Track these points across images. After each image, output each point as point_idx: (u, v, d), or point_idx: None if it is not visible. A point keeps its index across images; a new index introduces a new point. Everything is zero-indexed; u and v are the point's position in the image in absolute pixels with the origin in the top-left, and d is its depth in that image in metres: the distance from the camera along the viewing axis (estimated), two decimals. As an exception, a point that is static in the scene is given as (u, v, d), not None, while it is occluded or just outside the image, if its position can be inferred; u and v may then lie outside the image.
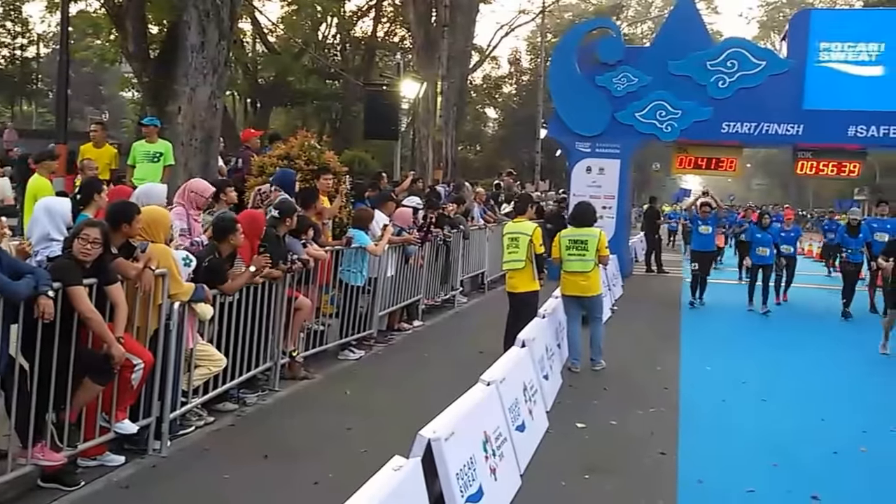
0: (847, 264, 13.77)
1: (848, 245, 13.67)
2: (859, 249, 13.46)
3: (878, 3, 30.76)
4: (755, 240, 13.79)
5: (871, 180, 47.71)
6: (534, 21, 35.03)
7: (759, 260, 13.66)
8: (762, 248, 13.63)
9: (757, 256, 13.71)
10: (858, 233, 13.51)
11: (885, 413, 7.28)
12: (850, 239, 13.59)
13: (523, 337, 6.74)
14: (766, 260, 13.69)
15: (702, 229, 14.17)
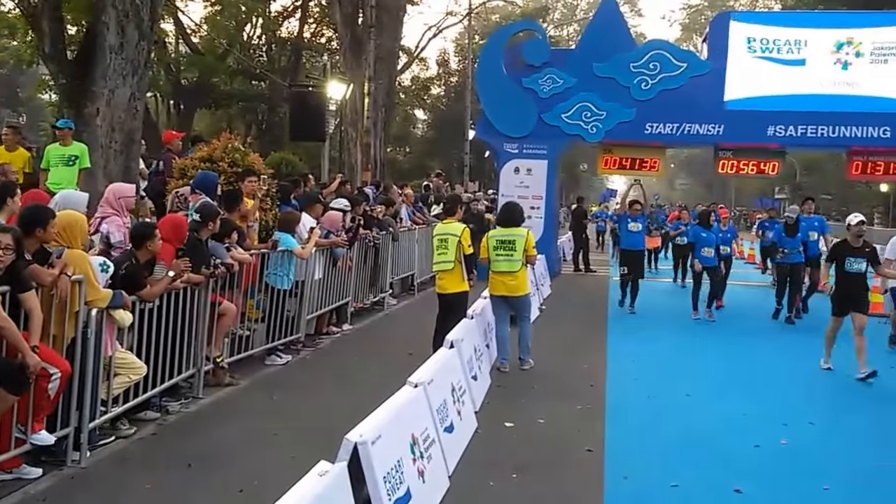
0: (784, 265, 13.06)
1: (785, 245, 12.91)
2: (797, 249, 12.85)
3: (796, 6, 31.90)
4: (700, 240, 13.10)
5: (791, 179, 49.53)
6: (461, 23, 35.20)
7: (706, 262, 12.99)
8: (707, 248, 13.00)
9: (703, 258, 13.01)
10: (797, 232, 12.86)
11: (804, 406, 7.52)
12: (787, 239, 12.87)
13: (451, 338, 6.74)
14: (711, 261, 13.08)
15: (631, 227, 13.66)
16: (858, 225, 8.89)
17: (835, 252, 9.08)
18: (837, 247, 9.11)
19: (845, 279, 8.81)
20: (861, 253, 8.79)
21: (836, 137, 16.53)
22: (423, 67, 40.76)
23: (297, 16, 34.86)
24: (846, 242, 8.93)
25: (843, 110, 16.39)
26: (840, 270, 8.83)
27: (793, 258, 12.81)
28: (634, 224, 13.66)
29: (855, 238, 8.84)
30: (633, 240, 13.68)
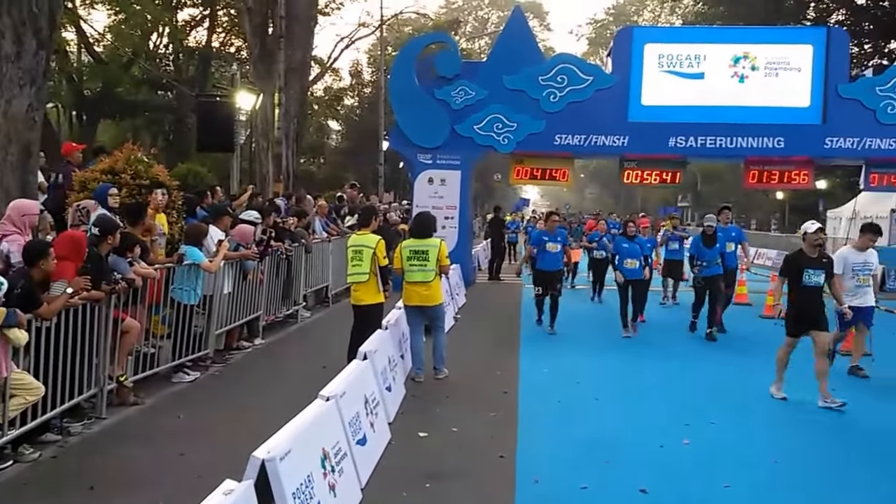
0: (702, 279, 12.09)
1: (703, 257, 12.04)
2: (715, 261, 12.03)
3: (695, 22, 33.17)
4: (622, 251, 12.20)
5: (693, 188, 51.40)
6: (374, 34, 35.20)
7: (630, 274, 12.04)
8: (631, 259, 12.05)
9: (627, 270, 12.06)
10: (714, 243, 12.01)
11: (705, 407, 7.77)
12: (705, 250, 12.01)
13: (365, 349, 6.71)
14: (637, 274, 12.12)
15: (549, 247, 12.11)
16: (817, 233, 8.12)
17: (790, 265, 8.17)
18: (792, 259, 8.22)
19: (803, 295, 7.99)
20: (819, 264, 8.03)
21: (734, 148, 17.30)
22: (336, 78, 40.56)
23: (206, 25, 34.22)
24: (802, 253, 8.14)
25: (739, 122, 17.18)
26: (796, 285, 8.02)
27: (711, 270, 11.97)
28: (553, 245, 12.12)
29: (811, 248, 8.07)
30: (550, 260, 12.15)
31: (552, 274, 12.12)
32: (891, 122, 16.79)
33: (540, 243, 12.16)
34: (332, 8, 34.24)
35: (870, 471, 6.01)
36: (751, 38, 17.93)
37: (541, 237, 12.32)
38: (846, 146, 17.07)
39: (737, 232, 13.92)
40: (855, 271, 9.16)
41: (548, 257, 12.08)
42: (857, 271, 9.19)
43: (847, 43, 18.29)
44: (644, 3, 67.90)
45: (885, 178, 17.89)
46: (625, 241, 12.35)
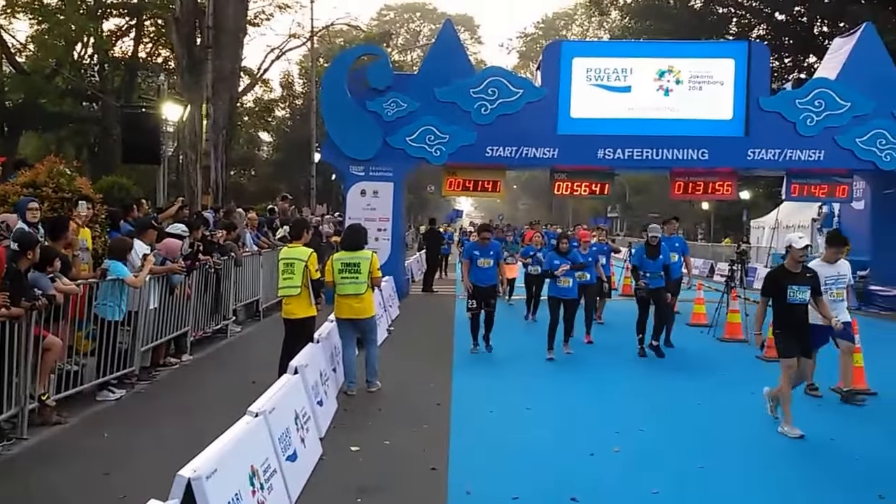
0: (644, 291, 11.49)
1: (646, 268, 11.47)
2: (659, 273, 11.47)
3: (622, 36, 33.93)
4: (554, 267, 11.14)
5: (622, 199, 52.44)
6: (305, 45, 34.95)
7: (561, 293, 11.20)
8: (564, 277, 11.15)
9: (558, 289, 11.20)
10: (658, 254, 11.46)
11: (634, 414, 7.91)
12: (648, 261, 11.45)
13: (296, 364, 6.63)
14: (570, 293, 11.29)
15: (481, 262, 11.30)
16: (804, 249, 7.53)
17: (773, 283, 7.58)
18: (774, 276, 7.66)
19: (789, 313, 7.43)
20: (804, 280, 7.47)
21: (660, 160, 17.74)
22: (266, 89, 40.11)
23: (132, 35, 33.48)
24: (784, 269, 7.62)
25: (665, 134, 17.61)
26: (781, 303, 7.47)
27: (654, 283, 11.41)
28: (485, 260, 11.28)
29: (795, 263, 7.51)
30: (484, 276, 11.32)
31: (485, 290, 11.31)
32: (810, 135, 17.44)
33: (471, 258, 11.43)
34: (262, 19, 33.99)
35: (793, 472, 6.20)
36: (675, 53, 18.46)
37: (472, 251, 11.58)
38: (768, 157, 17.66)
39: (680, 242, 13.41)
40: (828, 285, 8.47)
41: (480, 273, 11.29)
42: (830, 285, 8.57)
43: (767, 57, 18.97)
44: (573, 18, 69.24)
45: (806, 188, 18.60)
46: (556, 257, 11.34)
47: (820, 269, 8.35)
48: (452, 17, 47.77)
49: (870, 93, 17.28)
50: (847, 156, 17.49)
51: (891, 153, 17.31)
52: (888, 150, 17.31)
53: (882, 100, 17.26)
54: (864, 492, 5.74)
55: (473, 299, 11.31)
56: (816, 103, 17.43)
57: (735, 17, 33.14)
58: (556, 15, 73.41)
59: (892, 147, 17.30)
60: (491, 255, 11.31)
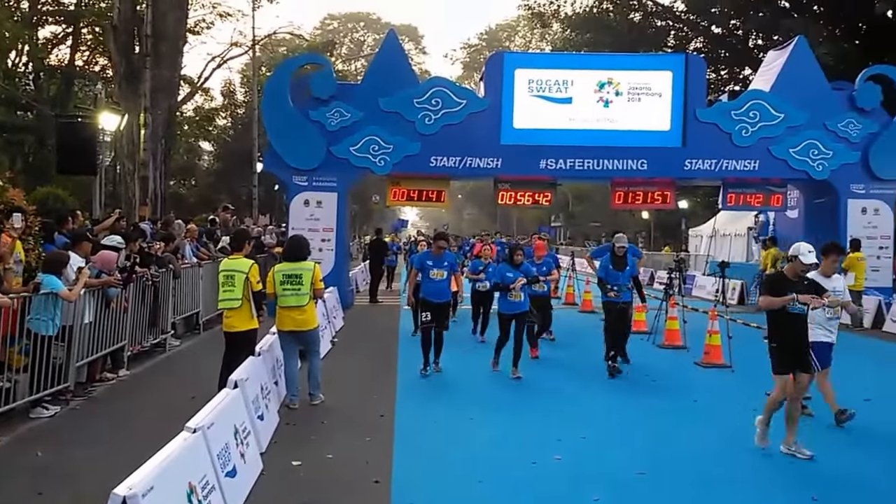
0: (614, 305, 10.75)
1: (614, 281, 10.73)
2: (626, 286, 10.88)
3: (564, 48, 34.38)
4: (508, 280, 10.27)
5: (565, 208, 53.08)
6: (247, 54, 34.57)
7: (512, 308, 10.32)
8: (515, 291, 10.26)
9: (509, 304, 10.34)
10: (625, 265, 10.79)
11: (575, 422, 7.97)
12: (616, 273, 10.74)
13: (235, 377, 6.51)
14: (521, 307, 10.35)
15: (434, 274, 10.33)
16: (810, 266, 7.09)
17: (777, 287, 6.94)
18: (778, 280, 7.06)
19: (790, 323, 6.83)
20: (803, 290, 6.86)
21: (601, 170, 18.02)
22: (207, 98, 39.54)
23: (69, 43, 32.69)
24: (784, 276, 7.05)
25: (605, 145, 17.89)
26: (779, 313, 6.84)
27: (623, 296, 10.79)
28: (438, 272, 10.35)
29: (795, 273, 6.99)
30: (436, 289, 10.33)
31: (438, 306, 10.31)
32: (745, 145, 17.92)
33: (423, 268, 10.50)
34: (203, 27, 33.51)
35: (729, 473, 6.31)
36: (615, 65, 18.80)
37: (424, 261, 10.58)
38: (705, 168, 18.08)
39: (633, 250, 12.35)
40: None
41: (432, 285, 10.32)
42: None
43: (704, 69, 19.44)
44: (516, 30, 69.96)
45: (742, 197, 19.10)
46: (508, 268, 10.44)
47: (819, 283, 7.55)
48: (396, 27, 47.78)
49: (802, 104, 17.84)
50: (781, 166, 18.01)
51: (823, 163, 17.88)
52: (820, 159, 17.88)
53: (814, 111, 17.83)
54: (798, 493, 5.87)
55: (427, 312, 10.25)
56: (751, 114, 17.91)
57: (673, 30, 33.87)
58: (500, 27, 74.14)
59: (824, 157, 17.87)
60: (445, 267, 10.38)
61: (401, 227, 41.57)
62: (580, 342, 13.26)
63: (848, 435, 7.62)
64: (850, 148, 17.94)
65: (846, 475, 6.32)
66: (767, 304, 6.89)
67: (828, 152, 17.87)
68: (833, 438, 7.50)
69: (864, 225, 18.03)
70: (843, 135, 17.95)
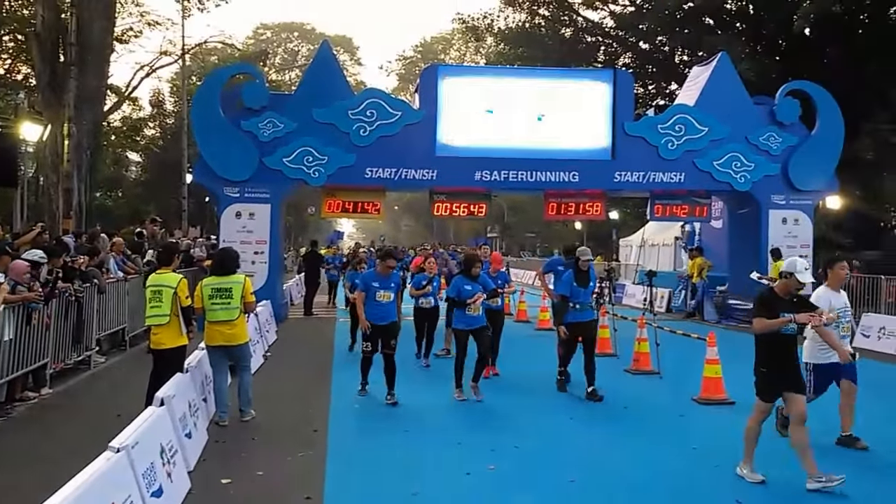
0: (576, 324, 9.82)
1: (577, 298, 9.81)
2: (589, 304, 10.04)
3: (497, 61, 34.79)
4: (465, 294, 9.57)
5: (500, 219, 53.56)
6: (177, 63, 33.92)
7: (470, 322, 9.59)
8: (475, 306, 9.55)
9: (466, 318, 9.56)
10: (589, 281, 9.95)
11: (510, 432, 8.02)
12: (579, 289, 9.82)
13: (162, 395, 6.37)
14: (479, 321, 9.68)
15: (380, 296, 9.36)
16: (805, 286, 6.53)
17: (768, 306, 6.38)
18: (769, 300, 6.45)
19: (781, 345, 6.38)
20: (791, 308, 6.38)
21: (534, 182, 18.27)
22: (135, 108, 38.64)
23: (-11, 50, 31.57)
24: (774, 294, 6.51)
25: (538, 157, 18.15)
26: (772, 336, 6.33)
27: (586, 315, 9.96)
28: (384, 293, 9.42)
29: (786, 291, 6.46)
30: (382, 312, 9.39)
31: (384, 327, 9.39)
32: (671, 158, 18.40)
33: (368, 289, 9.45)
34: (130, 36, 32.76)
35: (654, 475, 6.45)
36: (548, 78, 19.10)
37: (370, 282, 9.52)
38: (633, 180, 18.49)
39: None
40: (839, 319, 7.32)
41: (377, 308, 9.37)
42: (841, 317, 7.42)
43: (632, 84, 19.91)
44: (450, 43, 70.45)
45: (668, 208, 19.62)
46: (467, 281, 9.70)
47: (831, 298, 7.41)
48: (331, 38, 47.61)
49: (725, 118, 18.42)
50: (706, 178, 18.55)
51: (745, 175, 18.48)
52: (742, 172, 18.47)
53: (736, 125, 18.43)
54: (724, 496, 6.03)
55: (369, 342, 9.35)
56: (677, 128, 18.41)
57: (603, 46, 34.58)
58: (435, 39, 74.57)
59: (746, 169, 18.47)
60: (392, 288, 9.52)
61: (337, 239, 41.23)
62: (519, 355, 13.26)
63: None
64: (771, 160, 18.59)
65: (772, 479, 6.50)
66: (763, 327, 6.31)
67: (749, 165, 18.48)
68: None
69: (785, 234, 18.68)
70: (764, 148, 18.60)
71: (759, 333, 6.41)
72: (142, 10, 32.78)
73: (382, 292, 9.43)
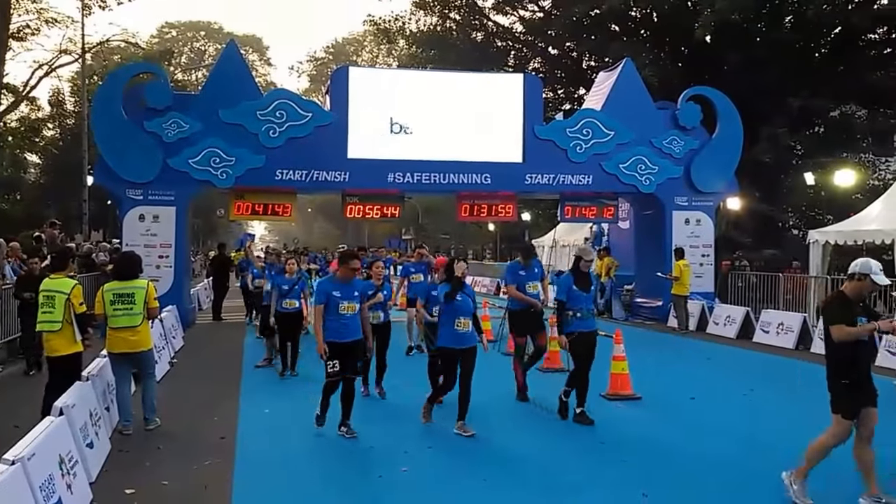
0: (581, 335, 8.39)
1: (577, 304, 8.40)
2: (591, 311, 8.67)
3: (410, 64, 34.83)
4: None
5: (415, 221, 53.65)
6: (77, 62, 32.63)
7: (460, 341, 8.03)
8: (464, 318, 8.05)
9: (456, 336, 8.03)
10: (590, 284, 8.67)
11: (422, 434, 8.06)
12: (580, 294, 8.42)
13: (60, 404, 6.15)
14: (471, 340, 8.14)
15: (344, 308, 7.74)
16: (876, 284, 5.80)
17: (846, 311, 5.72)
18: (846, 303, 5.78)
19: (864, 355, 5.88)
20: (862, 313, 5.83)
21: (447, 184, 18.38)
22: (33, 108, 36.97)
23: None
24: (848, 300, 5.82)
25: (450, 159, 18.26)
26: (855, 345, 5.69)
27: (588, 323, 8.49)
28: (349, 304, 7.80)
29: (859, 294, 5.84)
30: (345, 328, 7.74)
31: (349, 345, 7.76)
32: (580, 161, 18.79)
33: (329, 301, 7.67)
34: (28, 33, 31.32)
35: (579, 472, 6.59)
36: (459, 82, 19.24)
37: (329, 291, 7.72)
38: (543, 182, 18.82)
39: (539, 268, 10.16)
40: None
41: (339, 323, 7.71)
42: None
43: (541, 88, 20.24)
44: (363, 44, 70.15)
45: (578, 210, 20.09)
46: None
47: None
48: (239, 37, 46.76)
49: (630, 122, 18.95)
50: (612, 180, 19.04)
51: (649, 177, 19.05)
52: (647, 174, 19.04)
53: (641, 129, 18.98)
54: (629, 489, 6.20)
55: (336, 360, 7.70)
56: (584, 132, 18.83)
57: (513, 51, 35.01)
58: (346, 40, 74.08)
59: (651, 172, 19.04)
60: (355, 298, 7.81)
61: (247, 241, 40.42)
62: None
63: (681, 429, 8.12)
64: (674, 163, 19.21)
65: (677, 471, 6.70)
66: (846, 335, 5.58)
67: (654, 167, 19.06)
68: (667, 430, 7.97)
69: (688, 235, 19.33)
70: (668, 151, 19.21)
71: (839, 343, 5.65)
72: (39, 6, 31.35)
73: (346, 303, 7.66)
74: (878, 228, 15.87)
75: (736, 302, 18.20)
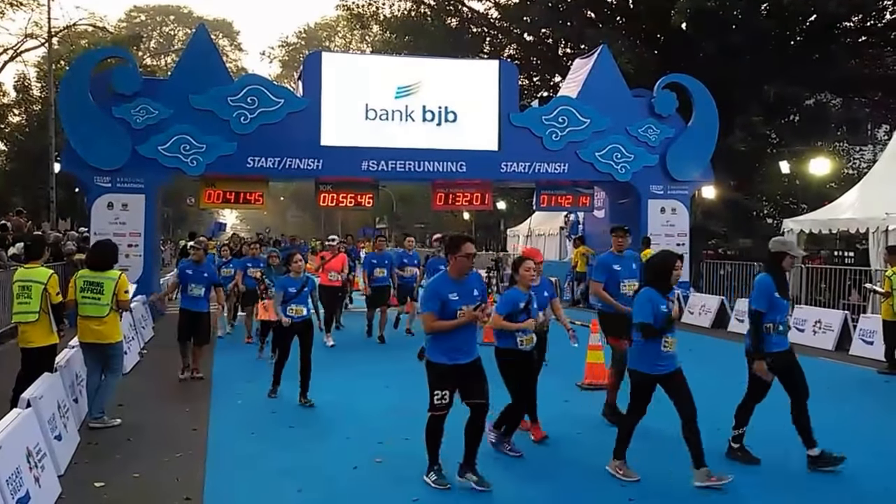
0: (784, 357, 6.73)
1: (781, 316, 6.83)
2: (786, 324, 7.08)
3: (384, 50, 34.52)
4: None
5: (389, 209, 53.39)
6: (43, 46, 31.96)
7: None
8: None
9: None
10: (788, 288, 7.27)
11: (398, 425, 7.80)
12: (780, 301, 6.76)
13: (28, 396, 5.99)
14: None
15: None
16: None
17: None
18: None
19: None
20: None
21: (422, 172, 18.24)
22: (-2, 94, 36.23)
23: None
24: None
25: (425, 147, 18.10)
26: None
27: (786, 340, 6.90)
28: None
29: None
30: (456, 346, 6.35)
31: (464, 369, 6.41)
32: (555, 149, 18.72)
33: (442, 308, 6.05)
34: (-8, 16, 30.63)
35: (537, 467, 6.53)
36: (433, 68, 19.05)
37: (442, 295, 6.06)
38: (519, 170, 18.73)
39: (635, 261, 8.71)
40: None
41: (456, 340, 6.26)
42: None
43: (516, 75, 20.11)
44: (335, 30, 69.49)
45: (554, 198, 20.06)
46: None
47: None
48: (210, 21, 46.11)
49: (606, 110, 18.90)
50: (588, 168, 18.99)
51: (625, 165, 19.03)
52: (623, 162, 19.02)
53: (617, 117, 18.94)
54: (616, 495, 6.13)
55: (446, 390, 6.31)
56: (560, 119, 18.76)
57: (488, 37, 34.81)
58: (319, 25, 73.33)
59: (627, 160, 19.02)
60: (475, 298, 6.16)
61: (218, 231, 40.05)
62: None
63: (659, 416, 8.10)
64: (650, 152, 19.21)
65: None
66: None
67: (629, 156, 19.04)
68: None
69: (663, 223, 19.37)
70: (643, 139, 19.20)
71: None
72: (3, -11, 30.68)
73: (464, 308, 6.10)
74: (853, 217, 15.99)
75: (711, 291, 18.27)
